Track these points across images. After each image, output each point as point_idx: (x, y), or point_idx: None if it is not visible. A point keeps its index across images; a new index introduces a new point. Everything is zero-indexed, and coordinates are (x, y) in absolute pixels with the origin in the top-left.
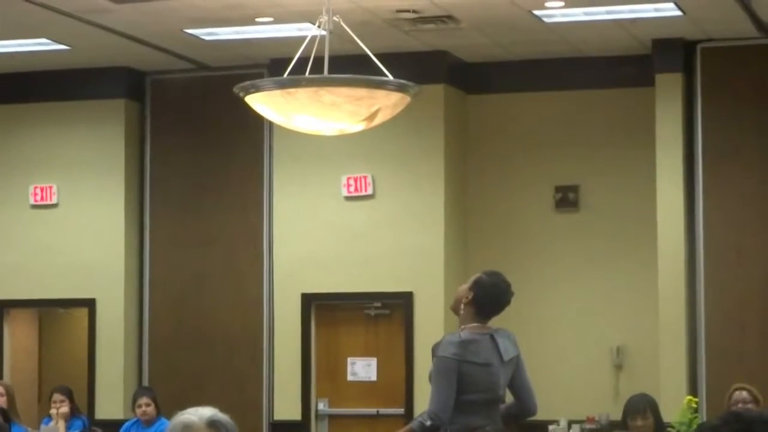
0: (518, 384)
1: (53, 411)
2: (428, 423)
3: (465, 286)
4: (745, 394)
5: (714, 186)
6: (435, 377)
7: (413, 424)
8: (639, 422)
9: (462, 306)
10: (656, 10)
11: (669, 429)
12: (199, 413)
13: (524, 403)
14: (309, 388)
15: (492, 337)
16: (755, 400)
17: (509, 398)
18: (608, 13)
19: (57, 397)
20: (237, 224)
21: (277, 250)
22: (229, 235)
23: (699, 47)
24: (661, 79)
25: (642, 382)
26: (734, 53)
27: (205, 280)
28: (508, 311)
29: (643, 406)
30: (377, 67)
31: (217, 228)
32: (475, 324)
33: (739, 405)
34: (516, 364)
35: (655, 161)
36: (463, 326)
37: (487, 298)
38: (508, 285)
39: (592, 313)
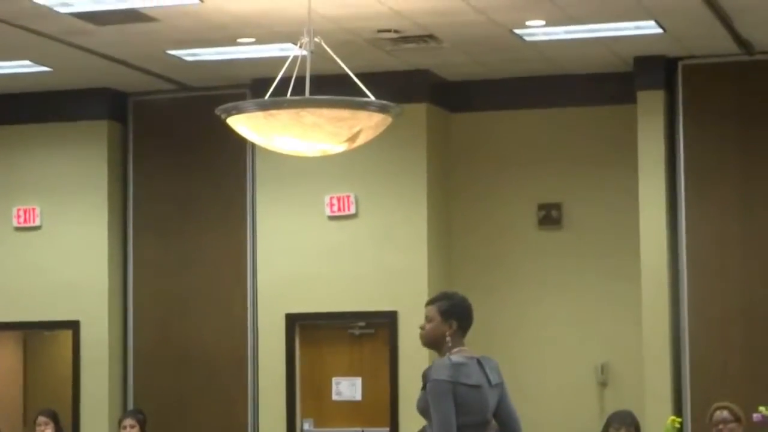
0: (504, 411)
1: None
2: None
3: (432, 324)
4: (726, 413)
5: (696, 203)
6: (432, 402)
7: None
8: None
9: (448, 339)
10: (637, 27)
11: None
12: None
13: (509, 429)
14: (294, 407)
15: (479, 362)
16: (736, 419)
17: None
18: (589, 31)
19: (41, 419)
20: (220, 245)
21: (260, 270)
22: (213, 255)
23: (680, 64)
24: (642, 96)
25: (627, 400)
26: (716, 70)
27: (189, 300)
28: (492, 329)
29: (629, 420)
30: (359, 87)
31: (201, 248)
32: (461, 347)
33: (720, 426)
34: (501, 390)
35: (637, 178)
36: (451, 351)
37: (465, 314)
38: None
39: (577, 331)
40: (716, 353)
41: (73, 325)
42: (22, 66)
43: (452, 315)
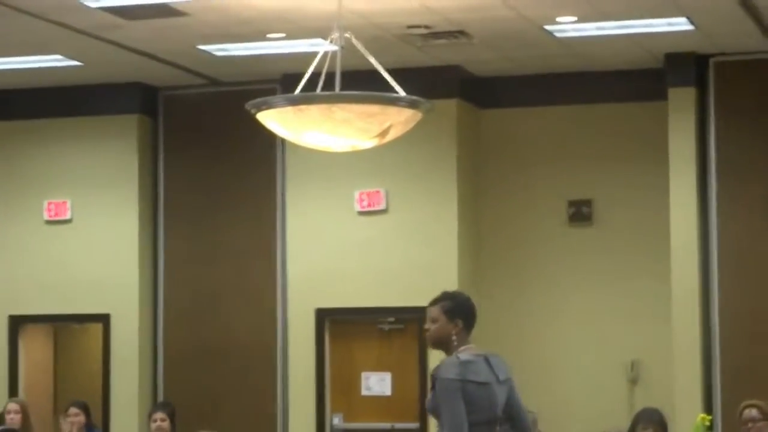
0: (512, 406)
1: (64, 425)
2: None
3: (437, 324)
4: (754, 412)
5: (727, 200)
6: (443, 401)
7: None
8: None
9: (454, 338)
10: (669, 24)
11: None
12: None
13: (519, 425)
14: (323, 402)
15: (486, 359)
16: (766, 418)
17: None
18: (620, 27)
19: (73, 410)
20: (250, 239)
21: (290, 265)
22: (243, 250)
23: (712, 61)
24: (673, 93)
25: (657, 397)
26: (747, 67)
27: (218, 295)
28: (522, 325)
29: (657, 419)
30: (389, 82)
31: (231, 243)
32: (468, 345)
33: (749, 424)
34: (509, 386)
35: (668, 175)
36: (459, 350)
37: (469, 313)
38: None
39: (607, 327)
40: (747, 351)
41: (104, 318)
42: (53, 60)
43: (457, 314)
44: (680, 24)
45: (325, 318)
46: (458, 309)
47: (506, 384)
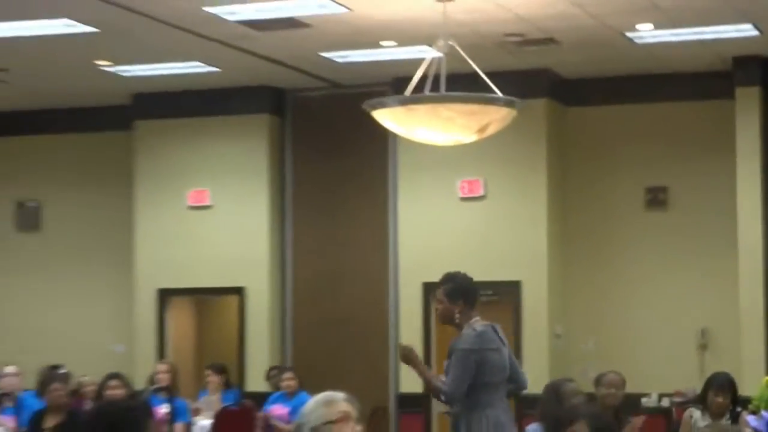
0: (512, 367)
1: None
2: (442, 397)
3: (443, 305)
4: None
5: None
6: (457, 364)
7: (438, 384)
8: (720, 399)
9: (457, 316)
10: (736, 30)
11: (751, 405)
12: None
13: (519, 380)
14: (430, 364)
15: (493, 327)
16: None
17: None
18: (693, 33)
19: (207, 372)
20: (367, 224)
21: (401, 245)
22: (360, 233)
23: None
24: (740, 92)
25: (725, 360)
26: None
27: (339, 272)
28: (604, 299)
29: (727, 385)
30: (487, 84)
31: (350, 226)
32: (476, 318)
33: None
34: (508, 349)
35: (735, 164)
36: (469, 322)
37: (469, 291)
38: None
39: (680, 300)
40: None
41: (239, 292)
42: (194, 67)
43: (457, 295)
44: (746, 30)
45: (431, 291)
46: (457, 290)
47: (507, 347)
